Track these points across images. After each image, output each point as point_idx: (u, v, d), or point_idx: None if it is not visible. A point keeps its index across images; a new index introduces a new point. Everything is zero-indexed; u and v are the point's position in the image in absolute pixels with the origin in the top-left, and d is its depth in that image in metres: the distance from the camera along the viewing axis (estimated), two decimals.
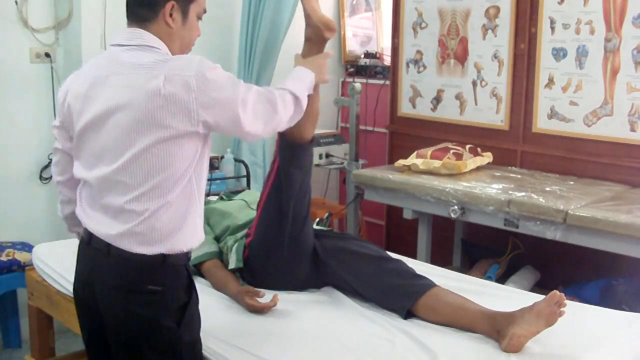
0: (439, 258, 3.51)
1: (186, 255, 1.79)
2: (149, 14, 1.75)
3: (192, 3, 1.80)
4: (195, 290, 1.83)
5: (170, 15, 1.75)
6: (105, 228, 1.73)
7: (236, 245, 2.45)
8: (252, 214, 2.57)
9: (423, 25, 3.97)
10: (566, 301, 1.98)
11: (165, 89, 1.64)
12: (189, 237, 1.76)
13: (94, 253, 1.76)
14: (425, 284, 2.24)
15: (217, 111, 1.68)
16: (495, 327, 2.01)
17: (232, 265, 2.42)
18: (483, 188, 3.12)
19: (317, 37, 2.23)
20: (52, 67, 3.54)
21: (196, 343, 1.84)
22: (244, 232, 2.49)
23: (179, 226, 1.73)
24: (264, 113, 1.77)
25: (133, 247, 1.69)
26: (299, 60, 2.11)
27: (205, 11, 1.86)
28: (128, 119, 1.66)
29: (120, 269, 1.72)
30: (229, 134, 1.81)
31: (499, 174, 3.42)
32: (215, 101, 1.68)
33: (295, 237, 2.34)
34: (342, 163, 4.04)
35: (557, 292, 1.97)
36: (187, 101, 1.65)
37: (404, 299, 2.20)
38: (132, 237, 1.69)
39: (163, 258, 1.72)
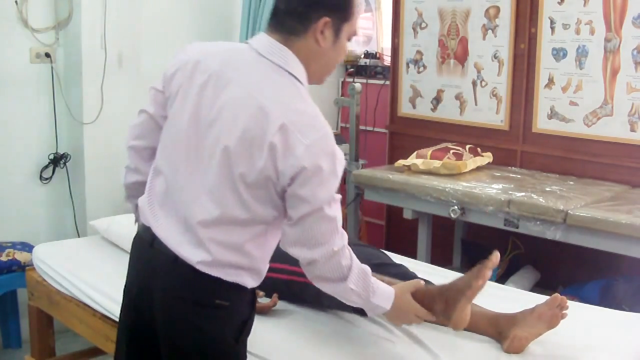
0: (439, 258, 3.51)
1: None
2: (298, 27, 1.58)
3: (346, 23, 1.63)
4: (255, 306, 1.72)
5: (322, 32, 1.59)
6: (175, 243, 1.58)
7: None
8: None
9: (423, 25, 3.97)
10: (568, 303, 1.99)
11: (272, 139, 1.48)
12: (256, 279, 1.65)
13: (157, 256, 1.61)
14: None
15: (297, 192, 1.51)
16: (497, 329, 2.00)
17: None
18: (483, 188, 3.12)
19: (437, 311, 1.82)
20: (52, 67, 3.54)
21: (245, 355, 1.72)
22: None
23: (248, 267, 1.61)
24: (313, 243, 1.56)
25: (201, 268, 1.56)
26: (407, 297, 1.77)
27: (356, 33, 1.69)
28: (227, 144, 1.52)
29: (188, 279, 1.57)
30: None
31: (498, 174, 3.42)
32: (305, 183, 1.50)
33: None
34: None
35: (559, 295, 1.97)
36: (279, 164, 1.49)
37: None
38: (202, 264, 1.56)
39: None
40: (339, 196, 1.58)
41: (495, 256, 1.77)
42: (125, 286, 1.75)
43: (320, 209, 1.52)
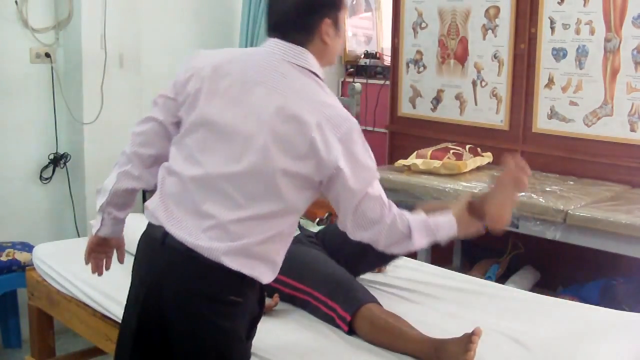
0: (439, 258, 3.50)
1: None
2: (304, 37, 1.65)
3: (342, 11, 1.70)
4: (264, 303, 1.77)
5: (327, 32, 1.66)
6: (193, 238, 1.59)
7: None
8: None
9: (423, 25, 3.97)
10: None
11: (314, 132, 1.56)
12: (271, 274, 1.68)
13: (170, 253, 1.62)
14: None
15: (342, 181, 1.59)
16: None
17: None
18: (483, 188, 3.11)
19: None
20: (52, 67, 3.54)
21: (250, 353, 1.77)
22: None
23: (267, 260, 1.64)
24: (366, 223, 1.64)
25: (225, 261, 1.59)
26: (462, 211, 1.77)
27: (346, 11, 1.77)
28: (266, 137, 1.57)
29: (202, 274, 1.59)
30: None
31: (499, 174, 3.41)
32: (347, 172, 1.58)
33: None
34: None
35: (512, 159, 1.90)
36: (324, 156, 1.56)
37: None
38: (222, 254, 1.58)
39: None
40: (378, 174, 1.66)
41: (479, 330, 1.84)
42: (132, 286, 1.74)
43: (365, 194, 1.61)
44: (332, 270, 2.26)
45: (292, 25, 1.65)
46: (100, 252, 1.91)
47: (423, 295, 2.38)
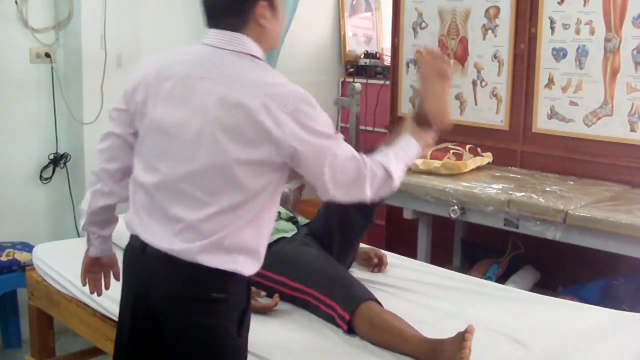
0: (439, 258, 3.50)
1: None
2: (238, 20, 1.62)
3: None
4: (251, 296, 1.75)
5: (262, 15, 1.63)
6: (168, 243, 1.60)
7: None
8: None
9: (423, 25, 3.97)
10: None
11: (261, 115, 1.53)
12: (254, 264, 1.66)
13: (151, 261, 1.64)
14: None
15: (305, 155, 1.57)
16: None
17: None
18: (483, 188, 3.12)
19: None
20: (52, 67, 3.54)
21: (246, 351, 1.74)
22: None
23: (247, 250, 1.63)
24: (347, 182, 1.62)
25: (200, 259, 1.59)
26: (411, 126, 1.84)
27: None
28: (214, 130, 1.55)
29: (183, 276, 1.61)
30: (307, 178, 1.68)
31: (498, 174, 3.42)
32: (306, 145, 1.56)
33: None
34: None
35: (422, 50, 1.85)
36: (278, 136, 1.54)
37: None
38: (197, 254, 1.58)
39: None
40: (340, 135, 1.63)
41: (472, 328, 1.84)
42: (122, 290, 1.77)
43: (334, 159, 1.59)
44: (330, 269, 2.27)
45: (226, 10, 1.63)
46: (96, 271, 1.95)
47: (423, 295, 2.38)
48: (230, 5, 1.63)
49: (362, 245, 2.81)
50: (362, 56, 4.62)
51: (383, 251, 2.68)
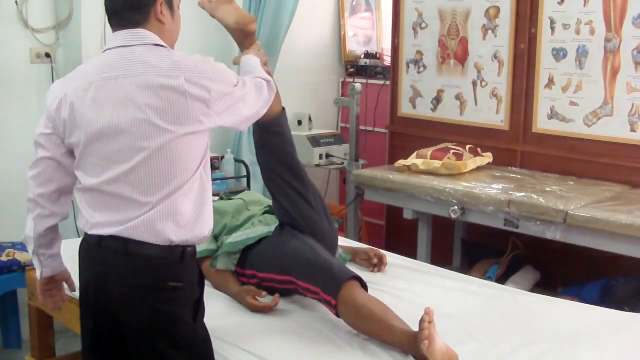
0: (439, 258, 3.50)
1: (195, 249, 1.80)
2: (140, 16, 1.75)
3: None
4: (204, 285, 1.85)
5: (161, 12, 1.77)
6: (120, 225, 1.70)
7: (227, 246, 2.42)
8: (249, 214, 2.57)
9: (423, 25, 3.97)
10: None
11: (186, 90, 1.68)
12: (207, 223, 1.79)
13: (107, 255, 1.72)
14: None
15: (228, 111, 1.76)
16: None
17: (220, 265, 2.41)
18: (483, 188, 3.12)
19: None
20: (52, 67, 3.54)
21: (208, 339, 1.84)
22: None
23: (198, 213, 1.76)
24: (256, 102, 1.86)
25: (154, 237, 1.70)
26: (242, 55, 2.12)
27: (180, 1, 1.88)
28: (147, 118, 1.67)
29: (140, 267, 1.70)
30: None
31: (498, 174, 3.42)
32: (228, 103, 1.75)
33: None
34: (342, 163, 4.05)
35: None
36: (205, 103, 1.71)
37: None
38: (154, 225, 1.69)
39: (182, 253, 1.73)
40: (242, 80, 1.83)
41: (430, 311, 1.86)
42: (80, 294, 1.85)
43: (240, 96, 1.79)
44: (308, 252, 2.25)
45: (128, 8, 1.75)
46: (52, 289, 2.05)
47: (423, 295, 2.37)
48: (131, 2, 1.75)
49: (361, 245, 2.81)
50: (362, 56, 4.62)
51: (383, 251, 2.68)
